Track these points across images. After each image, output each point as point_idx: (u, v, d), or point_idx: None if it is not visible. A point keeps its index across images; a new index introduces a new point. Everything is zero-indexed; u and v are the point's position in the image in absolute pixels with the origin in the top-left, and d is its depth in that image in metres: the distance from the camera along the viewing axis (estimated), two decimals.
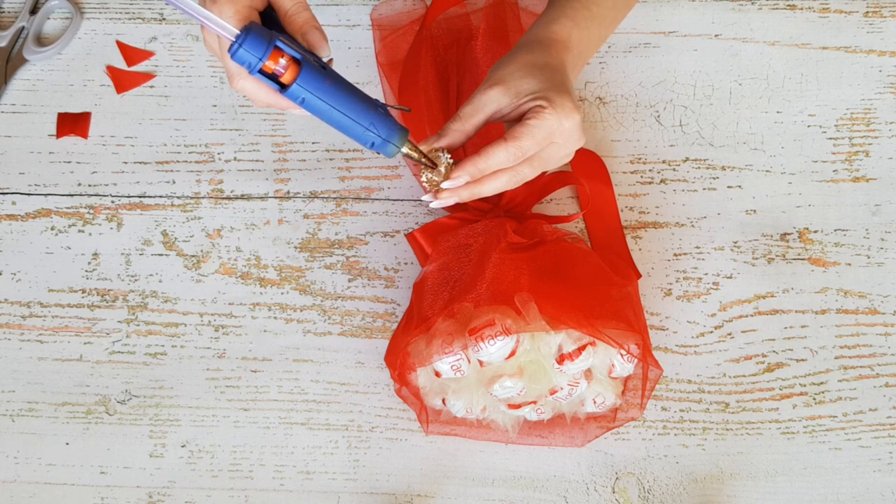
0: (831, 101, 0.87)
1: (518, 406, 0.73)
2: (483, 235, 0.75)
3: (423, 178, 0.68)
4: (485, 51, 0.83)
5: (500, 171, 0.68)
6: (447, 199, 0.68)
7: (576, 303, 0.69)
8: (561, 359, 0.70)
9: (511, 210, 0.80)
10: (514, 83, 0.68)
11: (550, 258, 0.72)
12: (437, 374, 0.71)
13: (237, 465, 0.78)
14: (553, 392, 0.72)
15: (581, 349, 0.69)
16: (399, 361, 0.71)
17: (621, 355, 0.71)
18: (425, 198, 0.69)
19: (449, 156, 0.68)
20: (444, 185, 0.67)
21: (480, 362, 0.70)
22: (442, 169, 0.67)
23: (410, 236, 0.82)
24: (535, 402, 0.73)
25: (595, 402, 0.73)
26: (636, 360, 0.71)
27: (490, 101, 0.68)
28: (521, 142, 0.67)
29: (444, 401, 0.73)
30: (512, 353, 0.69)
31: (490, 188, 0.68)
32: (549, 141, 0.68)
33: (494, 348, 0.68)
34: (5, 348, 0.81)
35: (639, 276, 0.81)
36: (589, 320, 0.68)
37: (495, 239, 0.73)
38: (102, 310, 0.82)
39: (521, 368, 0.70)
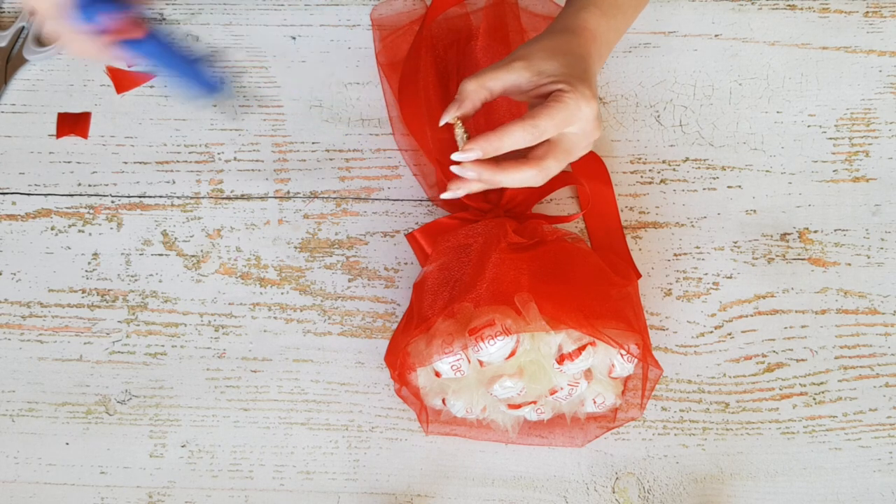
0: (831, 101, 0.87)
1: (518, 406, 0.73)
2: (483, 235, 0.75)
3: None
4: (485, 51, 0.83)
5: (523, 161, 0.67)
6: (464, 187, 0.67)
7: (576, 303, 0.69)
8: (561, 359, 0.70)
9: (511, 210, 0.80)
10: (537, 62, 0.68)
11: (550, 258, 0.72)
12: (437, 374, 0.71)
13: (237, 465, 0.78)
14: (553, 392, 0.72)
15: (581, 349, 0.69)
16: (399, 361, 0.71)
17: (621, 355, 0.71)
18: (446, 195, 0.68)
19: (465, 132, 0.68)
20: (455, 156, 0.66)
21: (480, 362, 0.70)
22: (459, 143, 0.67)
23: (410, 236, 0.81)
24: (535, 402, 0.73)
25: (595, 402, 0.73)
26: (636, 360, 0.71)
27: (511, 72, 0.68)
28: (539, 121, 0.66)
29: (444, 401, 0.73)
30: (512, 353, 0.69)
31: (512, 178, 0.67)
32: (568, 124, 0.67)
33: (494, 348, 0.67)
34: (5, 348, 0.81)
35: (639, 276, 0.81)
36: (589, 320, 0.68)
37: (495, 239, 0.73)
38: (102, 310, 0.82)
39: (521, 368, 0.70)
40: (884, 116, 0.87)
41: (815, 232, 0.83)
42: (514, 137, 0.66)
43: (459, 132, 0.68)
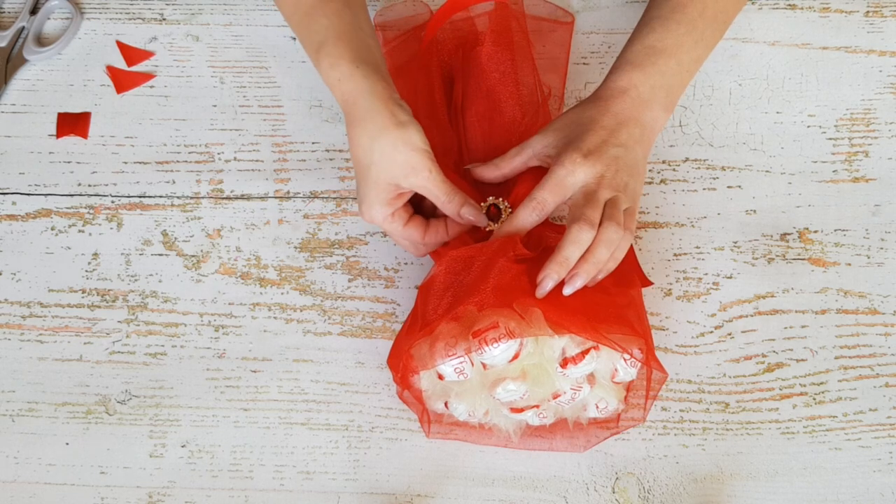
0: (831, 101, 0.87)
1: (520, 410, 0.72)
2: (491, 248, 0.73)
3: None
4: (489, 57, 0.82)
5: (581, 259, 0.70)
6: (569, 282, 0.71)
7: (580, 307, 0.69)
8: (564, 362, 0.69)
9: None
10: (544, 135, 0.74)
11: None
12: (440, 377, 0.71)
13: (237, 465, 0.78)
14: (556, 396, 0.71)
15: (584, 353, 0.69)
16: (402, 364, 0.71)
17: (624, 360, 0.70)
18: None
19: (507, 204, 0.76)
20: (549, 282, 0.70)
21: (484, 365, 0.70)
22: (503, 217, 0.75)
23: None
24: (537, 406, 0.72)
25: (597, 407, 0.73)
26: (639, 364, 0.71)
27: (527, 146, 0.75)
28: (535, 193, 0.71)
29: (446, 404, 0.73)
30: (515, 356, 0.68)
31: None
32: (563, 189, 0.71)
33: (498, 351, 0.67)
34: (5, 348, 0.81)
35: (649, 283, 0.80)
36: (592, 324, 0.68)
37: (503, 252, 0.72)
38: (102, 310, 0.82)
39: (525, 372, 0.70)
40: (884, 116, 0.87)
41: (815, 232, 0.83)
42: (521, 218, 0.72)
43: (502, 205, 0.76)
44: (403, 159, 0.71)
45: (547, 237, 0.75)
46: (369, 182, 0.72)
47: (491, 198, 0.76)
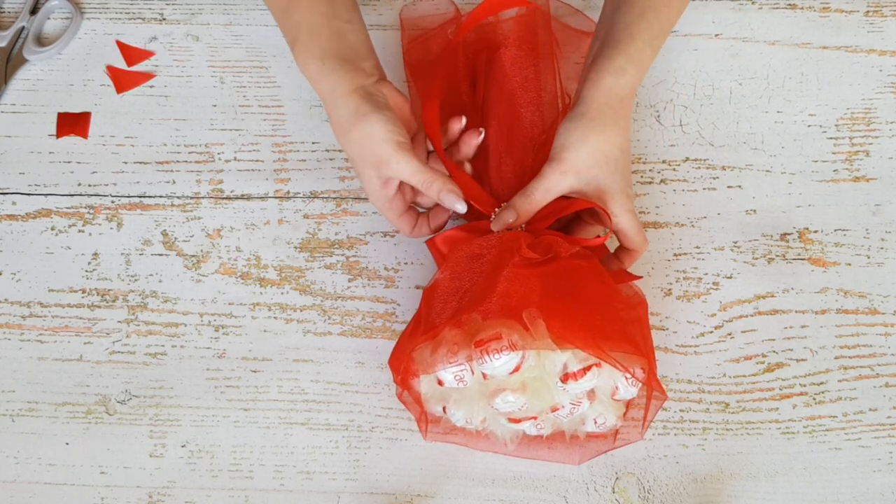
0: (831, 100, 0.87)
1: (518, 420, 0.72)
2: (497, 247, 0.73)
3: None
4: (513, 61, 0.81)
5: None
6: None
7: (585, 322, 0.68)
8: (565, 378, 0.69)
9: (528, 225, 0.79)
10: (584, 177, 0.73)
11: (562, 275, 0.71)
12: (440, 383, 0.71)
13: (237, 465, 0.78)
14: (555, 409, 0.71)
15: (586, 369, 0.68)
16: (403, 367, 0.71)
17: (626, 378, 0.70)
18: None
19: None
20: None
21: (484, 374, 0.69)
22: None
23: (430, 242, 0.80)
24: (535, 418, 0.72)
25: (596, 423, 0.73)
26: (640, 383, 0.70)
27: (557, 186, 0.73)
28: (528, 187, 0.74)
29: (444, 409, 0.73)
30: (516, 369, 0.68)
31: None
32: (547, 192, 0.74)
33: (499, 362, 0.67)
34: (5, 348, 0.81)
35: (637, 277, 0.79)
36: (596, 341, 0.67)
37: (508, 252, 0.72)
38: (102, 310, 0.82)
39: (524, 384, 0.69)
40: (884, 116, 0.87)
41: (815, 232, 0.83)
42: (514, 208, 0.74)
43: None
44: (371, 152, 0.72)
45: (557, 244, 0.74)
46: (359, 174, 0.76)
47: (504, 204, 0.75)
